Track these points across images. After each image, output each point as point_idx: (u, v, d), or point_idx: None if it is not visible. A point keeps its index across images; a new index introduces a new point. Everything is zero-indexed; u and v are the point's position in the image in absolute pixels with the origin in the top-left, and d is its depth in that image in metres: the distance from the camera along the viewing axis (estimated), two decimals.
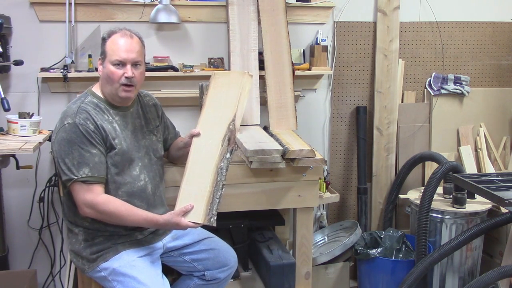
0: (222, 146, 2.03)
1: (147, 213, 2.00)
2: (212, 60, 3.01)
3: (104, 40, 2.05)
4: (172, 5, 2.89)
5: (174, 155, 2.40)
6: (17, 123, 2.55)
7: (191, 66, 2.94)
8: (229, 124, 2.07)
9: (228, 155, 2.02)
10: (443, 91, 3.41)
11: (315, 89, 3.27)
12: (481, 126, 3.49)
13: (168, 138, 2.37)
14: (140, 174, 2.10)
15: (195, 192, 1.98)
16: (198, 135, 2.15)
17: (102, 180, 1.99)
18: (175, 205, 2.02)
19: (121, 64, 2.01)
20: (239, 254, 2.42)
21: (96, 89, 2.11)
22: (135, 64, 2.04)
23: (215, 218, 1.94)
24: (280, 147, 2.44)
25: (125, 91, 2.04)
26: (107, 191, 2.02)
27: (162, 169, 2.25)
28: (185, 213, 1.95)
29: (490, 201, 2.62)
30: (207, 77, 2.92)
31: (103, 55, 2.04)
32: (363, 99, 3.37)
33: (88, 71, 2.81)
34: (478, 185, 2.45)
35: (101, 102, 2.07)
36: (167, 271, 2.28)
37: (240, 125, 2.76)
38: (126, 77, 2.01)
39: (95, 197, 1.95)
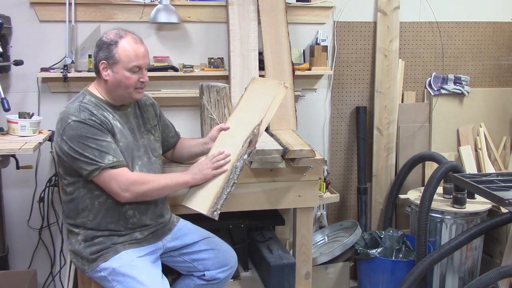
0: (242, 146, 2.10)
1: (175, 175, 2.09)
2: (212, 60, 3.01)
3: (110, 44, 2.01)
4: (172, 5, 2.89)
5: (184, 154, 2.41)
6: (17, 123, 2.55)
7: (191, 66, 2.94)
8: (254, 128, 2.13)
9: (245, 156, 2.09)
10: (443, 91, 3.41)
11: (315, 89, 3.27)
12: (481, 126, 3.49)
13: (169, 136, 2.37)
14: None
15: (207, 184, 2.06)
16: (226, 129, 2.21)
17: (125, 163, 2.00)
18: (186, 194, 2.09)
19: (137, 70, 2.04)
20: (239, 254, 2.42)
21: (93, 89, 2.10)
22: (145, 68, 2.08)
23: (219, 212, 1.99)
24: (280, 147, 2.44)
25: (139, 93, 2.09)
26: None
27: (161, 168, 2.25)
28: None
29: (490, 201, 2.62)
30: (207, 77, 2.95)
31: (112, 60, 2.01)
32: (363, 99, 3.37)
33: (88, 71, 2.81)
34: (478, 185, 2.45)
35: (99, 101, 2.06)
36: (167, 271, 2.28)
37: None
38: (142, 82, 2.06)
39: (128, 176, 1.97)
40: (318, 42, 3.13)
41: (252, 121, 2.16)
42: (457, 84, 3.43)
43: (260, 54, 2.93)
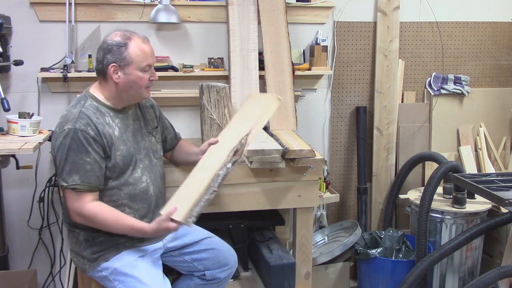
0: (227, 156, 2.05)
1: (133, 222, 1.99)
2: (212, 60, 3.01)
3: (120, 47, 1.98)
4: (172, 5, 2.89)
5: (180, 159, 2.39)
6: (17, 123, 2.55)
7: (191, 66, 2.94)
8: (242, 138, 2.10)
9: (229, 165, 2.03)
10: (443, 91, 3.41)
11: (315, 89, 3.27)
12: (481, 126, 3.49)
13: (168, 138, 2.37)
14: (142, 176, 2.10)
15: (187, 194, 2.01)
16: (215, 143, 2.18)
17: (93, 188, 1.96)
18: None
19: (149, 68, 2.04)
20: (239, 254, 2.42)
21: (95, 91, 2.08)
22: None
23: (194, 220, 1.91)
24: (280, 147, 2.44)
25: (148, 91, 2.10)
26: (109, 196, 2.02)
27: (162, 170, 2.25)
28: (171, 215, 1.93)
29: (490, 201, 2.62)
30: (207, 77, 2.95)
31: (124, 62, 1.99)
32: (363, 99, 3.37)
33: (88, 71, 2.81)
34: (478, 185, 2.45)
35: (101, 105, 2.05)
36: (168, 271, 2.29)
37: None
38: (152, 80, 2.06)
39: (83, 205, 1.94)
40: (318, 42, 3.13)
41: (242, 131, 2.12)
42: (457, 84, 3.43)
43: (260, 54, 2.93)
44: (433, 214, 2.89)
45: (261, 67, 2.92)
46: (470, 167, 3.38)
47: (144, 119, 2.20)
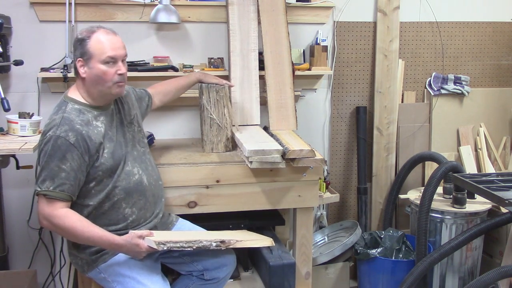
0: (215, 238, 2.10)
1: (104, 232, 1.96)
2: (212, 60, 3.01)
3: (83, 40, 1.98)
4: (172, 5, 2.89)
5: (166, 100, 2.56)
6: (17, 123, 2.56)
7: (191, 66, 2.94)
8: (231, 239, 2.14)
9: (214, 244, 2.08)
10: (443, 91, 3.41)
11: (315, 89, 3.27)
12: (481, 126, 3.49)
13: (149, 104, 2.43)
14: (133, 169, 2.09)
15: (171, 233, 2.17)
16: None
17: (65, 197, 1.93)
18: None
19: (112, 61, 1.99)
20: (239, 254, 2.43)
21: (74, 94, 2.05)
22: (122, 60, 2.04)
23: (163, 248, 1.95)
24: (280, 147, 2.44)
25: (119, 87, 2.04)
26: (106, 194, 2.02)
27: (150, 156, 2.24)
28: (144, 236, 1.95)
29: (490, 201, 2.62)
30: None
31: (86, 55, 1.97)
32: (363, 99, 3.37)
33: None
34: (478, 185, 2.45)
35: (82, 106, 2.02)
36: (167, 271, 2.29)
37: (240, 125, 2.80)
38: (119, 74, 2.01)
39: (53, 210, 1.92)
40: (318, 42, 3.13)
41: (236, 237, 2.20)
42: (457, 84, 3.43)
43: (260, 54, 2.93)
44: (433, 214, 2.89)
45: (261, 67, 2.92)
46: (470, 167, 3.38)
47: (124, 110, 2.18)
